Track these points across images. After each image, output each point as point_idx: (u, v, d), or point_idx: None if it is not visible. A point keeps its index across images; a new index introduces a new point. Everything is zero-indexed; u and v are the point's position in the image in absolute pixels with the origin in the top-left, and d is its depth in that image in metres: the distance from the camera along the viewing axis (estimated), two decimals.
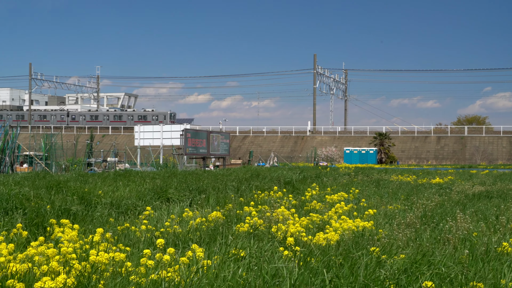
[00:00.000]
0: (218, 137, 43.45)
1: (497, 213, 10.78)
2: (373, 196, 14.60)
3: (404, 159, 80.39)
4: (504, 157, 79.22)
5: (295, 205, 12.31)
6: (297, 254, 6.24)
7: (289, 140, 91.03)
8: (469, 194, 15.56)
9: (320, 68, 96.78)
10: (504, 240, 7.37)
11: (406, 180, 22.89)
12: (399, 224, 9.20)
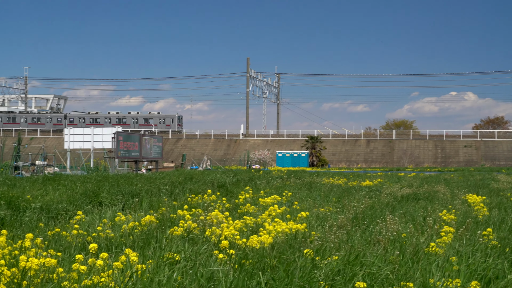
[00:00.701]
0: (150, 140, 42.99)
1: (424, 215, 11.10)
2: (306, 199, 14.78)
3: (335, 162, 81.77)
4: (430, 160, 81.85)
5: (229, 208, 12.33)
6: (232, 257, 6.27)
7: (222, 143, 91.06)
8: (397, 196, 15.97)
9: (253, 71, 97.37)
10: (431, 240, 7.60)
11: (338, 183, 23.30)
12: (331, 226, 9.36)
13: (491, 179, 27.86)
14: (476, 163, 79.09)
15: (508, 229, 8.84)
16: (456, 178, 28.71)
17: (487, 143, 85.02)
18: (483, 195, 15.44)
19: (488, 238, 7.47)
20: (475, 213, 11.30)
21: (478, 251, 6.51)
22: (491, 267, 5.69)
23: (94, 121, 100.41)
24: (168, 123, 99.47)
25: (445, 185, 21.24)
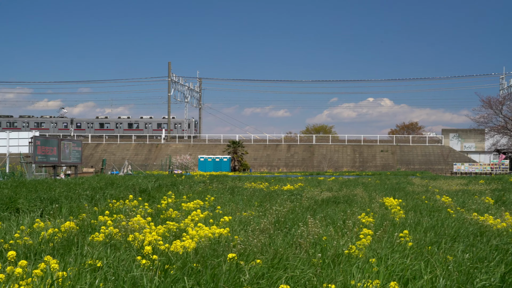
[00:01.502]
0: (69, 145, 41.86)
1: (344, 218, 11.34)
2: (229, 203, 14.82)
3: (257, 166, 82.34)
4: (349, 164, 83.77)
5: (151, 214, 12.20)
6: (155, 262, 6.22)
7: (144, 148, 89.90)
8: (318, 200, 16.25)
9: (175, 76, 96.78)
10: (351, 243, 7.78)
11: (259, 187, 23.46)
12: (254, 230, 9.43)
13: (406, 183, 28.78)
14: (392, 167, 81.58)
15: (423, 230, 9.17)
16: (374, 182, 29.49)
17: (403, 148, 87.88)
18: (400, 198, 15.93)
19: (405, 239, 7.72)
20: (392, 215, 11.62)
21: (396, 253, 6.73)
22: (409, 268, 5.90)
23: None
24: (184, 128, 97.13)
25: (363, 189, 21.79)
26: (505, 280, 5.27)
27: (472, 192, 19.83)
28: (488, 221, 10.15)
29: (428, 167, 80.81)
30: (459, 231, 8.85)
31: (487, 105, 61.63)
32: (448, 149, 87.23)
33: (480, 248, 7.05)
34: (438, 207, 13.56)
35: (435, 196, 17.44)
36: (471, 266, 5.88)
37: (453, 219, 10.56)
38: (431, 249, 7.04)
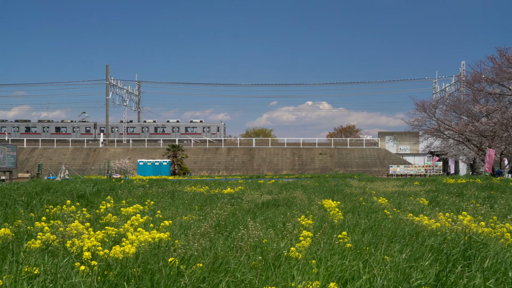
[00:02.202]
0: (4, 150, 40.73)
1: (284, 220, 11.42)
2: (169, 208, 14.72)
3: (197, 170, 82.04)
4: (288, 167, 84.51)
5: (90, 219, 11.99)
6: (94, 268, 6.12)
7: (81, 152, 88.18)
8: (258, 203, 16.31)
9: (113, 79, 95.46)
10: (291, 245, 7.85)
11: (200, 191, 23.39)
12: (195, 234, 9.41)
13: (344, 185, 29.23)
14: (330, 170, 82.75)
15: (361, 231, 9.34)
16: (313, 184, 29.83)
17: (340, 151, 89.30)
18: (338, 200, 16.18)
19: (343, 241, 7.86)
20: (331, 217, 11.78)
21: (336, 254, 6.84)
22: (348, 269, 6.01)
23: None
24: (214, 132, 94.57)
25: (302, 191, 22.01)
26: (440, 278, 5.44)
27: (407, 194, 20.32)
28: (423, 222, 10.43)
29: (365, 169, 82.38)
30: (396, 231, 9.06)
31: (421, 108, 63.24)
32: (384, 151, 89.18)
33: (416, 248, 7.25)
34: (375, 209, 13.84)
35: (372, 198, 17.78)
36: (408, 266, 6.04)
37: (389, 220, 10.80)
38: (369, 250, 7.19)
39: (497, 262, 5.96)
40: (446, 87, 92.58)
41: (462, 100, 63.52)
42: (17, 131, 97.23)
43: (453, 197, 18.01)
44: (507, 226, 9.33)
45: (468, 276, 5.57)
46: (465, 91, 64.33)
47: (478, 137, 52.46)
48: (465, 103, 59.72)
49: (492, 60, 46.25)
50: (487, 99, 51.96)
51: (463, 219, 10.37)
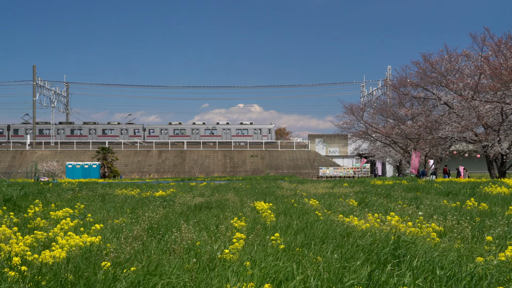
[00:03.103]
0: None
1: (217, 223, 11.43)
2: (100, 211, 14.48)
3: (128, 173, 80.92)
4: (220, 170, 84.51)
5: (18, 223, 11.66)
6: (24, 274, 5.96)
7: (7, 154, 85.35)
8: (191, 205, 16.26)
9: (40, 80, 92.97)
10: (225, 247, 7.88)
11: (131, 193, 23.10)
12: (127, 237, 9.29)
13: (276, 187, 29.50)
14: (262, 172, 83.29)
15: (293, 233, 9.45)
16: (245, 187, 29.96)
17: (272, 153, 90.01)
18: (270, 202, 16.31)
19: (276, 242, 7.94)
20: (264, 219, 11.87)
21: (270, 255, 6.90)
22: (282, 270, 6.08)
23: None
24: (265, 134, 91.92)
25: (235, 194, 22.09)
26: (372, 278, 5.59)
27: (337, 195, 20.69)
28: (353, 222, 10.66)
29: (296, 171, 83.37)
30: (328, 232, 9.22)
31: (349, 111, 64.62)
32: (314, 153, 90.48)
33: (348, 248, 7.40)
34: (307, 210, 14.03)
35: (303, 200, 18.02)
36: (340, 266, 6.17)
37: (321, 221, 10.97)
38: (302, 251, 7.30)
39: (425, 261, 6.17)
40: (373, 91, 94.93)
41: (389, 104, 65.23)
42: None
43: (381, 198, 18.48)
44: (433, 226, 9.66)
45: (398, 274, 5.74)
46: (391, 94, 66.12)
47: (403, 139, 53.97)
48: (392, 107, 61.37)
49: (417, 65, 47.72)
50: (412, 103, 53.54)
51: (391, 219, 10.66)
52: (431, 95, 46.91)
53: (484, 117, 37.63)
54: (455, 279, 5.41)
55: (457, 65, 44.66)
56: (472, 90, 39.51)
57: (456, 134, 41.68)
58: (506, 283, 5.32)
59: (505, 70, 33.96)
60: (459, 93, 41.24)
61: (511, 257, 6.13)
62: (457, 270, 5.70)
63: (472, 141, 41.56)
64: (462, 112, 41.09)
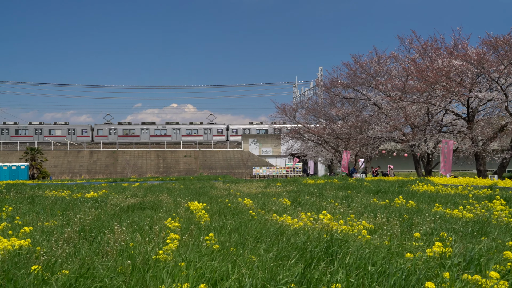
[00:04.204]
0: None
1: (150, 224, 11.33)
2: (29, 213, 14.10)
3: (58, 174, 79.01)
4: (153, 170, 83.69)
5: None
6: None
7: None
8: (124, 206, 16.06)
9: None
10: (159, 248, 7.82)
11: (61, 195, 22.61)
12: (58, 240, 9.10)
13: (210, 187, 29.49)
14: (195, 172, 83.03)
15: (228, 233, 9.49)
16: (178, 187, 29.81)
17: (205, 153, 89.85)
18: (204, 202, 16.30)
19: (211, 242, 7.95)
20: (198, 219, 11.85)
21: (204, 255, 6.91)
22: (217, 270, 6.10)
23: None
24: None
25: (168, 194, 21.95)
26: (305, 275, 5.68)
27: (271, 194, 20.87)
28: (287, 221, 10.79)
29: (229, 171, 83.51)
30: (262, 231, 9.30)
31: (282, 111, 65.26)
32: (247, 153, 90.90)
33: (282, 247, 7.49)
34: (241, 210, 14.09)
35: (237, 199, 18.09)
36: (274, 265, 6.23)
37: (255, 220, 11.05)
38: (237, 250, 7.34)
39: (357, 258, 6.32)
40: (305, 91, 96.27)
41: (320, 104, 66.28)
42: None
43: (314, 197, 18.76)
44: (364, 224, 9.89)
45: (332, 272, 5.86)
46: (323, 95, 67.21)
47: (335, 139, 54.97)
48: (323, 107, 62.38)
49: (347, 66, 48.77)
50: (343, 103, 54.61)
51: (323, 218, 10.85)
52: (361, 96, 47.98)
53: (411, 117, 38.74)
54: (386, 275, 5.57)
55: (385, 66, 45.90)
56: (400, 91, 40.63)
57: (385, 133, 42.78)
58: (434, 277, 5.52)
59: (431, 72, 35.07)
60: (388, 94, 42.35)
61: (438, 253, 6.36)
62: (387, 266, 5.87)
63: (400, 140, 42.73)
64: (391, 112, 42.20)
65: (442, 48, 39.09)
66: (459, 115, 38.16)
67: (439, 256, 6.31)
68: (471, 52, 34.14)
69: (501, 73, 31.99)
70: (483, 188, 19.31)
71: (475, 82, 34.78)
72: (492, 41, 33.38)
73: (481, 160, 34.86)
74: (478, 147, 34.34)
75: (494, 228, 9.54)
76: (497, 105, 34.56)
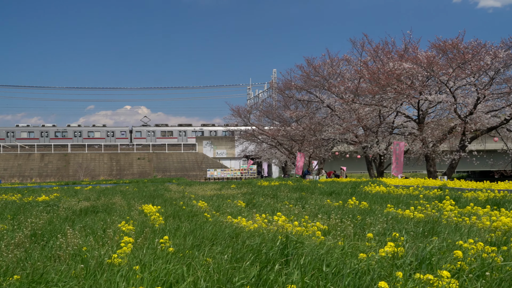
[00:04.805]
0: None
1: (104, 227, 11.22)
2: None
3: (7, 177, 77.28)
4: (106, 173, 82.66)
5: None
6: None
7: None
8: (76, 210, 15.84)
9: None
10: (112, 252, 7.75)
11: (12, 199, 22.16)
12: (8, 245, 8.93)
13: (164, 189, 29.32)
14: (149, 175, 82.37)
15: (183, 235, 9.46)
16: (132, 190, 29.52)
17: (159, 155, 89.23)
18: (158, 205, 16.19)
19: (165, 245, 7.92)
20: (152, 222, 11.78)
21: (159, 258, 6.87)
22: (172, 272, 6.08)
23: None
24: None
25: (122, 197, 21.73)
26: (261, 277, 5.72)
27: (225, 196, 20.88)
28: (242, 223, 10.82)
29: (183, 174, 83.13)
30: (217, 234, 9.30)
31: (236, 114, 65.37)
32: (202, 155, 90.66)
33: (237, 249, 7.51)
34: (195, 212, 14.06)
35: (192, 202, 18.04)
36: (230, 267, 6.25)
37: (210, 223, 11.05)
38: (192, 253, 7.32)
39: (312, 259, 6.39)
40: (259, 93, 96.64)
41: (274, 106, 66.63)
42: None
43: (268, 199, 18.85)
44: (318, 225, 10.00)
45: (287, 273, 5.91)
46: (277, 97, 67.59)
47: (289, 141, 55.32)
48: (277, 109, 62.74)
49: (301, 69, 49.15)
50: (296, 105, 55.02)
51: (278, 219, 10.92)
52: (314, 98, 48.42)
53: (363, 119, 39.29)
54: (340, 275, 5.65)
55: (338, 69, 46.44)
56: (353, 94, 41.16)
57: (338, 135, 43.26)
58: (387, 277, 5.62)
59: (382, 75, 35.64)
60: (341, 96, 42.85)
61: (391, 253, 6.48)
62: (342, 266, 5.96)
63: (352, 142, 43.28)
64: (343, 114, 42.71)
65: (393, 51, 39.78)
66: (410, 117, 38.85)
67: (391, 256, 6.43)
68: (421, 56, 34.82)
69: (450, 76, 32.73)
70: (433, 189, 19.72)
71: (425, 85, 35.49)
72: (441, 45, 34.16)
73: (431, 161, 35.57)
74: (428, 149, 35.04)
75: (445, 228, 9.77)
76: (446, 107, 35.34)
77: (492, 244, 7.39)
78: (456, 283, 5.14)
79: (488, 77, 33.23)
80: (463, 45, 33.46)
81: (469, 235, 8.78)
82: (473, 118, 32.76)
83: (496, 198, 15.27)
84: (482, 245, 6.77)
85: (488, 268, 5.77)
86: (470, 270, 5.72)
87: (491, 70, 32.37)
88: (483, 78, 33.54)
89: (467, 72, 32.40)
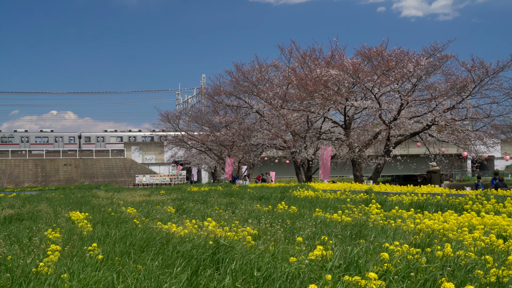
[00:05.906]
0: None
1: (30, 235, 10.94)
2: None
3: None
4: (31, 180, 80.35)
5: None
6: None
7: None
8: (0, 217, 15.39)
9: None
10: (39, 260, 7.58)
11: None
12: None
13: (91, 196, 28.77)
14: (76, 181, 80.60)
15: (112, 242, 9.34)
16: (58, 197, 28.84)
17: (86, 161, 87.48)
18: (86, 211, 15.90)
19: (94, 252, 7.81)
20: (80, 229, 11.57)
21: (88, 266, 6.78)
22: (102, 280, 6.02)
23: None
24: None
25: (48, 204, 21.20)
26: (192, 282, 5.74)
27: (155, 203, 20.70)
28: (172, 229, 10.76)
29: (111, 180, 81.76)
30: (147, 240, 9.23)
31: (165, 119, 64.86)
32: (130, 161, 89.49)
33: (167, 255, 7.48)
34: (125, 219, 13.89)
35: (120, 208, 17.80)
36: (161, 273, 6.24)
37: (140, 229, 10.94)
38: (122, 260, 7.26)
39: (243, 264, 6.45)
40: (188, 99, 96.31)
41: (204, 111, 66.58)
42: None
43: (198, 204, 18.80)
44: (248, 230, 10.08)
45: (218, 278, 5.95)
46: (206, 102, 67.55)
47: (218, 146, 55.38)
48: (206, 114, 62.72)
49: (230, 74, 49.35)
50: (226, 111, 55.19)
51: (208, 225, 10.94)
52: (243, 104, 48.72)
53: (292, 124, 39.80)
54: (271, 280, 5.74)
55: (267, 75, 46.93)
56: (281, 99, 41.65)
57: (267, 141, 43.66)
58: (317, 280, 5.74)
59: (310, 81, 36.21)
60: (269, 102, 43.28)
61: (320, 256, 6.62)
62: (272, 270, 6.04)
63: (281, 147, 43.76)
64: (272, 120, 43.14)
65: (320, 58, 40.53)
66: (337, 122, 39.63)
67: (321, 259, 6.56)
68: (347, 62, 35.60)
69: (375, 82, 33.62)
70: (360, 193, 20.17)
71: (351, 91, 36.30)
72: (366, 52, 35.05)
73: (357, 166, 36.39)
74: (354, 154, 35.83)
75: (371, 231, 10.02)
76: (372, 113, 36.26)
77: (416, 246, 7.65)
78: (383, 284, 5.31)
79: (411, 84, 34.33)
80: (387, 53, 34.48)
81: (394, 238, 9.04)
82: (397, 124, 33.73)
83: (420, 202, 15.77)
84: (407, 247, 7.01)
85: (413, 269, 5.98)
86: (396, 272, 5.91)
87: (413, 77, 33.46)
88: (406, 85, 34.62)
89: (391, 79, 33.37)
